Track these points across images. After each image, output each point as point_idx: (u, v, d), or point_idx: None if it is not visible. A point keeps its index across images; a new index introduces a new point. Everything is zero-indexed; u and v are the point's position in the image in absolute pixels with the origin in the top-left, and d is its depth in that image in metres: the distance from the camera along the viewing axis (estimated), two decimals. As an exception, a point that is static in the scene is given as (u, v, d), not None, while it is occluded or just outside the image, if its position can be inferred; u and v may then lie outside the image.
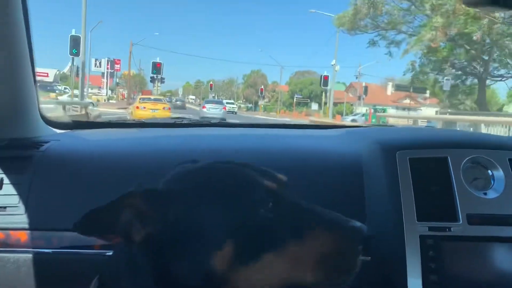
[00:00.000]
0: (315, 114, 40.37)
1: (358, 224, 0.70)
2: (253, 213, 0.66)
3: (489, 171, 1.12)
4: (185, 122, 1.80)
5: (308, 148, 1.33)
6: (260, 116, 36.42)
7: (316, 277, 0.68)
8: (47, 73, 31.62)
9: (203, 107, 24.00)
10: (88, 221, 0.65)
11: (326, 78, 25.87)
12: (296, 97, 50.25)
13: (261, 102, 49.00)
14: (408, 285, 1.00)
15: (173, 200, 0.67)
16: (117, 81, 50.40)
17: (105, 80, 42.61)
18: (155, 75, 25.94)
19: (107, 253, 1.01)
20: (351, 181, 1.17)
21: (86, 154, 1.26)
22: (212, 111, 22.59)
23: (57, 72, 36.87)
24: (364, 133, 1.42)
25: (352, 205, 1.13)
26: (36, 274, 1.04)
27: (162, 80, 26.68)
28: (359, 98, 35.62)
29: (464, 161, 1.11)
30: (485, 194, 1.09)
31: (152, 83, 29.24)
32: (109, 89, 46.60)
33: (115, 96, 45.77)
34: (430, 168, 1.10)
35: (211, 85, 46.73)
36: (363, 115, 32.97)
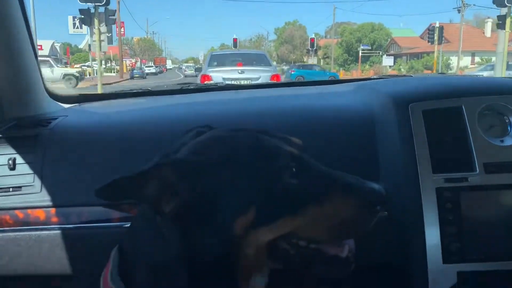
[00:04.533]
0: (389, 72, 25.79)
1: (376, 186, 0.72)
2: (276, 179, 0.69)
3: (506, 118, 1.10)
4: (192, 87, 1.78)
5: (319, 107, 1.31)
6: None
7: (334, 236, 0.73)
8: (41, 45, 28.19)
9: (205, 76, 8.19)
10: (108, 194, 0.65)
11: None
12: (362, 49, 37.00)
13: (311, 60, 33.25)
14: (425, 238, 1.00)
15: (199, 171, 0.68)
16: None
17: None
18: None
19: (126, 225, 1.03)
20: (364, 137, 1.15)
21: (95, 127, 1.26)
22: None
23: (54, 44, 34.61)
24: (374, 86, 1.39)
25: (366, 162, 1.11)
26: (59, 250, 1.06)
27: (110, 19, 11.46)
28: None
29: (479, 109, 1.08)
30: (502, 141, 1.07)
31: (84, 25, 12.33)
32: (113, 59, 44.09)
33: (118, 67, 38.95)
34: (444, 118, 1.08)
35: (234, 40, 26.25)
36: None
